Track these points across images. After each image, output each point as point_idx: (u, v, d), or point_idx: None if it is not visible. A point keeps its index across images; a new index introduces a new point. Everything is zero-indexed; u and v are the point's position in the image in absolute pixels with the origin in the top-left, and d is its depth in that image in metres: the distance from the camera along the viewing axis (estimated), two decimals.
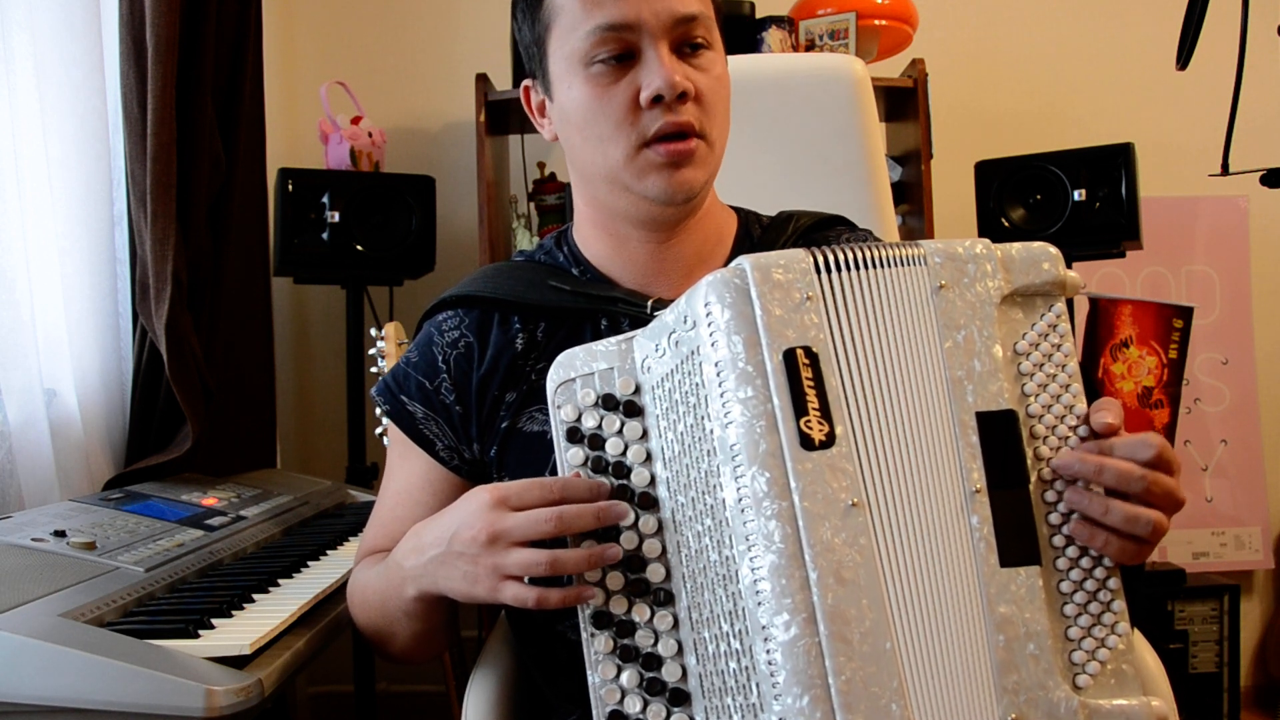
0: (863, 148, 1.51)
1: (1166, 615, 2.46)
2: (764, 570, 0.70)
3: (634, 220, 1.00)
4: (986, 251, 0.79)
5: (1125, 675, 0.75)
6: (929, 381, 0.76)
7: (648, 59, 0.92)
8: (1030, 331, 0.79)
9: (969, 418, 0.75)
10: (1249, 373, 2.67)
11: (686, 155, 0.93)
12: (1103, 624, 0.75)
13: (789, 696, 0.69)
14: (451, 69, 2.59)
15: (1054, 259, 0.79)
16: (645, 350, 0.81)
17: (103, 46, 1.64)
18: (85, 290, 1.60)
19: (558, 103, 0.98)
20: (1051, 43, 2.70)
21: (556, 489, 0.80)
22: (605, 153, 0.95)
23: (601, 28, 0.91)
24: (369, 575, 1.00)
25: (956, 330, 0.77)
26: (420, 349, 1.04)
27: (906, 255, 0.78)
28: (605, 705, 0.77)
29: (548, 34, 0.96)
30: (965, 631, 0.72)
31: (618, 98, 0.92)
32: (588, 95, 0.93)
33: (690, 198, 0.96)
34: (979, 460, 0.75)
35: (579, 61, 0.93)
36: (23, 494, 1.43)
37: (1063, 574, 0.76)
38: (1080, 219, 2.17)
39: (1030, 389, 0.77)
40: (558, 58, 0.95)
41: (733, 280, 0.75)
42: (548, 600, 0.79)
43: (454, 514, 0.85)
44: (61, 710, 0.85)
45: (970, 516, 0.74)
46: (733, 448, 0.73)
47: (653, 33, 0.91)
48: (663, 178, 0.94)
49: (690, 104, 0.93)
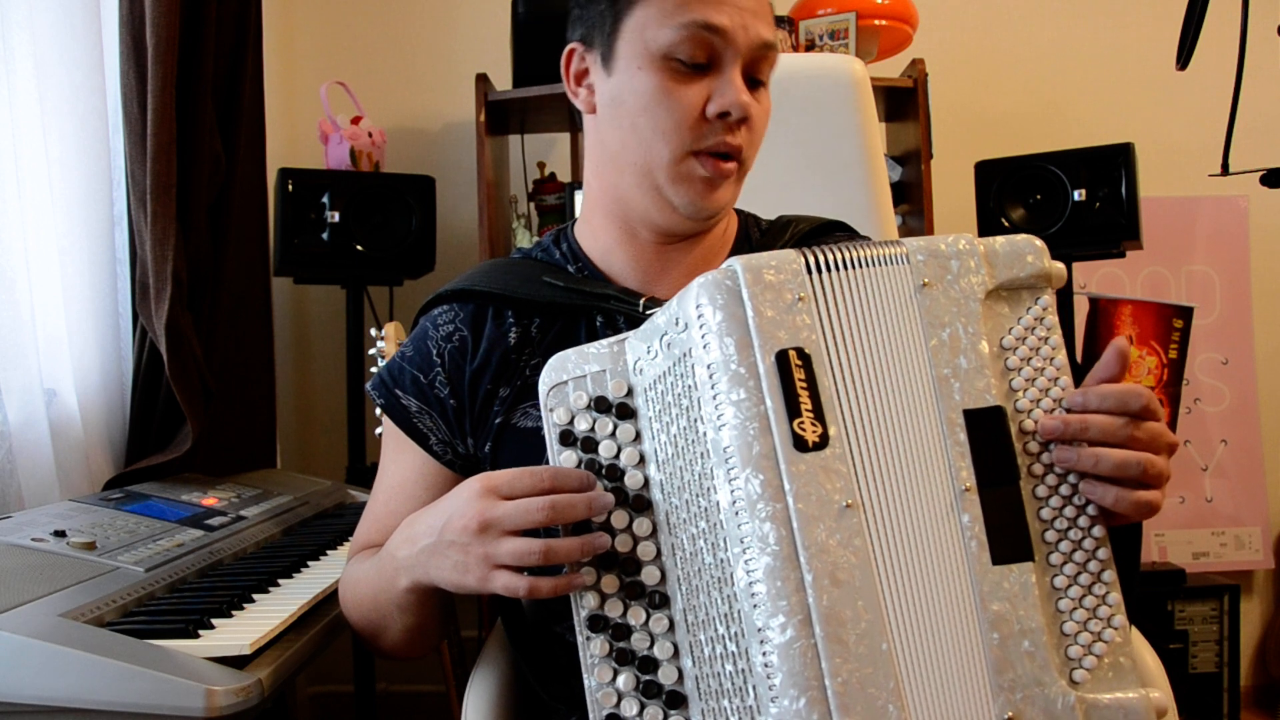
0: (863, 148, 1.51)
1: (1166, 615, 2.46)
2: (759, 572, 0.70)
3: (649, 222, 1.00)
4: (969, 247, 0.79)
5: (1123, 668, 0.74)
6: (916, 381, 0.76)
7: (725, 73, 0.93)
8: (1017, 325, 0.78)
9: (956, 416, 0.75)
10: (1249, 373, 2.67)
11: (727, 175, 0.96)
12: (1098, 617, 0.75)
13: (785, 699, 0.69)
14: (451, 69, 2.59)
15: (1038, 251, 0.79)
16: (637, 352, 0.81)
17: (103, 46, 1.64)
18: (85, 290, 1.60)
19: (616, 80, 0.97)
20: (1051, 43, 2.70)
21: (547, 478, 0.80)
22: (652, 148, 0.95)
23: (699, 24, 0.92)
24: (362, 569, 1.00)
25: (941, 328, 0.77)
26: (415, 343, 1.05)
27: (889, 254, 0.78)
28: (602, 708, 0.77)
29: (630, 9, 0.95)
30: (960, 630, 0.72)
31: (686, 100, 0.93)
32: (656, 86, 0.94)
33: (713, 216, 0.98)
34: (968, 459, 0.75)
35: (659, 50, 0.93)
36: (23, 494, 1.43)
37: (1056, 569, 0.75)
38: (1080, 219, 2.17)
39: (1018, 384, 0.77)
40: (635, 38, 0.95)
41: (724, 282, 0.75)
42: (539, 589, 0.79)
43: (446, 504, 0.85)
44: (61, 710, 0.85)
45: (961, 515, 0.74)
46: (726, 450, 0.73)
47: (738, 48, 0.93)
48: (696, 192, 0.95)
49: (744, 130, 0.95)
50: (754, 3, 0.95)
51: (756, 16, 0.95)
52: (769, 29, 0.96)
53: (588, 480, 0.80)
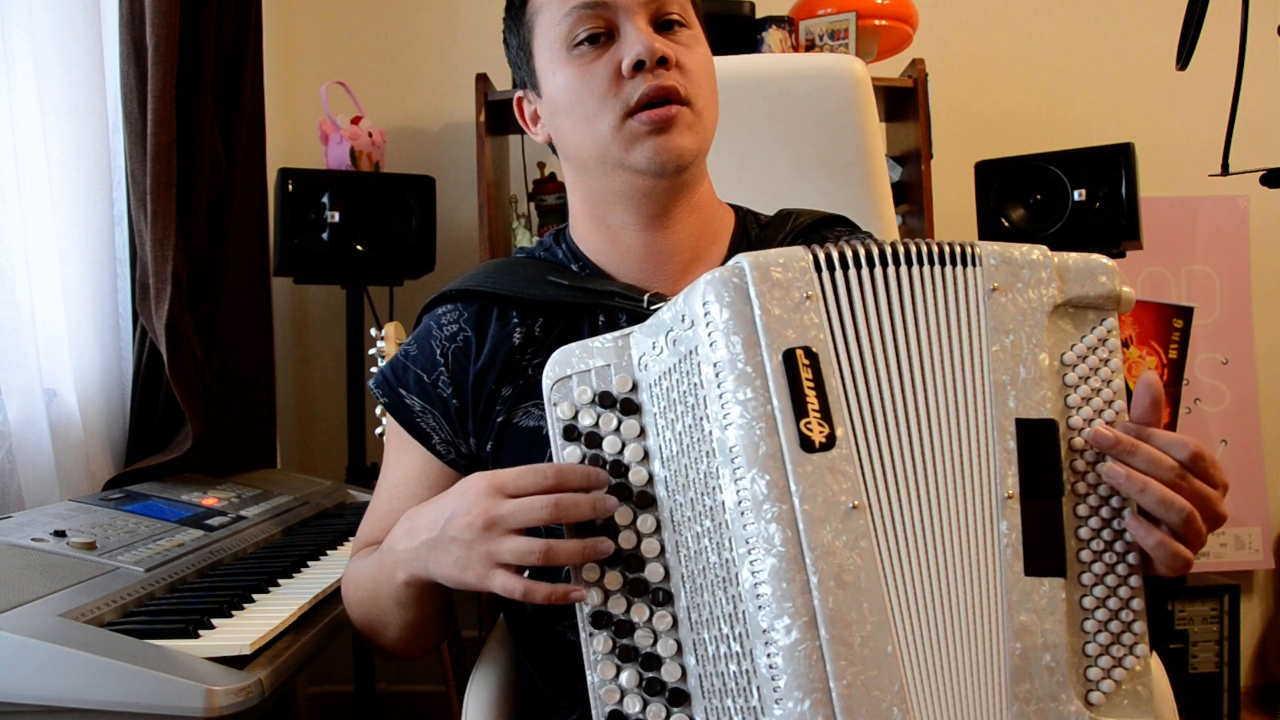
0: (863, 148, 1.51)
1: (1166, 615, 2.46)
2: (764, 573, 0.70)
3: (627, 201, 1.00)
4: (1043, 258, 0.78)
5: (1139, 697, 0.74)
6: (967, 383, 0.75)
7: (626, 32, 0.95)
8: (1079, 343, 0.78)
9: (1009, 423, 0.75)
10: (1249, 373, 2.67)
11: (669, 120, 0.94)
12: (1122, 643, 0.75)
13: (790, 700, 0.69)
14: (451, 69, 2.59)
15: (1111, 272, 0.78)
16: (643, 347, 0.81)
17: (103, 46, 1.64)
18: (85, 290, 1.60)
19: (546, 96, 1.00)
20: (1051, 43, 2.70)
21: (551, 475, 0.79)
22: (593, 129, 0.96)
23: (578, 6, 0.95)
24: (363, 565, 1.00)
25: (1005, 334, 0.76)
26: (419, 342, 1.05)
27: (960, 254, 0.77)
28: (605, 705, 0.77)
29: (532, 34, 0.99)
30: (980, 637, 0.72)
31: (600, 72, 0.95)
32: (572, 76, 0.96)
33: (681, 166, 0.97)
34: (1014, 466, 0.74)
35: (561, 46, 0.96)
36: (23, 494, 1.43)
37: (1087, 589, 0.75)
38: (1080, 219, 2.17)
39: (1074, 401, 0.77)
40: (543, 50, 0.98)
41: (731, 279, 0.75)
42: (534, 594, 0.78)
43: (449, 499, 0.85)
44: (61, 710, 0.85)
45: (1000, 522, 0.73)
46: (732, 450, 0.72)
47: (628, 9, 0.95)
48: (649, 146, 0.95)
49: (674, 70, 0.95)
50: None
51: None
52: None
53: (592, 477, 0.79)
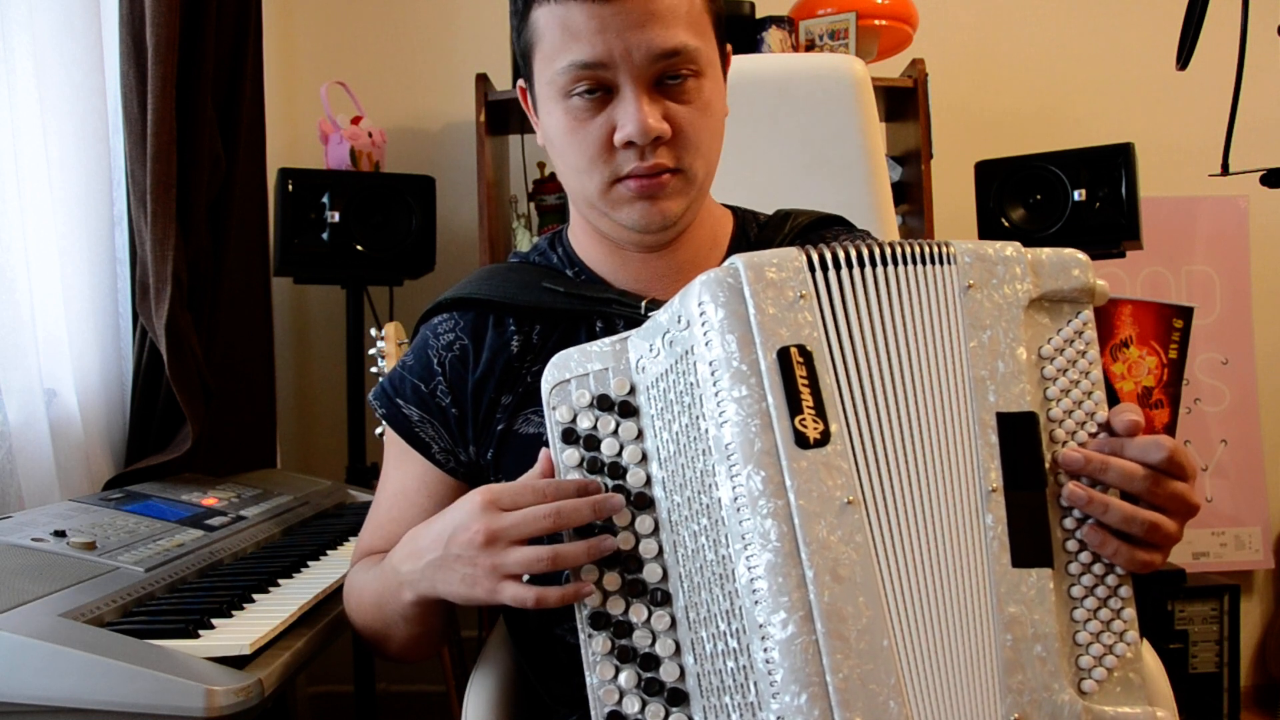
0: (863, 148, 1.51)
1: (1166, 615, 2.46)
2: (760, 569, 0.70)
3: (618, 238, 1.00)
4: (1016, 254, 0.79)
5: (1131, 683, 0.75)
6: (948, 379, 0.76)
7: (624, 98, 0.89)
8: (1056, 336, 0.79)
9: (989, 417, 0.76)
10: (1249, 373, 2.67)
11: (659, 188, 0.92)
12: (1112, 630, 0.75)
13: (787, 695, 0.69)
14: (451, 69, 2.59)
15: (1084, 266, 0.80)
16: (640, 350, 0.81)
17: (103, 46, 1.64)
18: (85, 290, 1.60)
19: (542, 121, 0.97)
20: (1051, 43, 2.70)
21: (550, 491, 0.80)
22: (581, 180, 0.95)
23: (576, 65, 0.89)
24: (366, 577, 1.00)
25: (982, 330, 0.77)
26: (416, 353, 1.05)
27: (935, 253, 0.78)
28: (604, 706, 0.77)
29: (532, 53, 0.94)
30: (971, 629, 0.73)
31: (593, 134, 0.91)
32: (565, 126, 0.92)
33: (668, 226, 0.95)
34: (997, 460, 0.75)
35: (558, 91, 0.92)
36: (23, 494, 1.43)
37: (1074, 578, 0.76)
38: (1080, 219, 2.17)
39: (1053, 393, 0.77)
40: (541, 80, 0.94)
41: (726, 279, 0.75)
42: (547, 599, 0.79)
43: (449, 517, 0.85)
44: (61, 710, 0.85)
45: (985, 515, 0.74)
46: (728, 447, 0.73)
47: (629, 71, 0.88)
48: (637, 210, 0.94)
49: (664, 146, 0.91)
50: (636, 15, 0.87)
51: (643, 28, 0.87)
52: (669, 31, 0.88)
53: (589, 490, 0.79)
